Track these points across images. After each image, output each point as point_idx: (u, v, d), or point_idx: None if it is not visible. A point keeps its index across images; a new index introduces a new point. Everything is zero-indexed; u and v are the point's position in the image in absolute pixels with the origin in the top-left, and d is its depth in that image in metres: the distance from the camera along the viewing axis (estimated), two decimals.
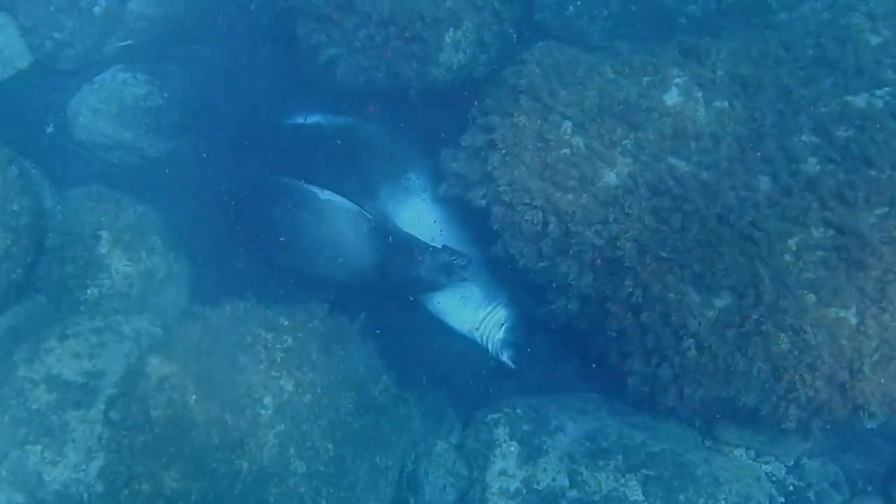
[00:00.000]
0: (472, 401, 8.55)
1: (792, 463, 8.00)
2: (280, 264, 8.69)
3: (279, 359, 7.36)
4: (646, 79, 7.57)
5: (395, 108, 8.85)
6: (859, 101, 7.20)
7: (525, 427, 7.85)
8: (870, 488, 7.97)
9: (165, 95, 9.60)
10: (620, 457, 7.60)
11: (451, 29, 8.23)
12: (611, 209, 7.10)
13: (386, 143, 8.88)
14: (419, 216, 8.69)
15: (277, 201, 8.52)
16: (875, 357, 6.74)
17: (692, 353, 6.97)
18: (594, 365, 7.97)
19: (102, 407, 7.58)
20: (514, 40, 8.65)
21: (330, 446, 7.41)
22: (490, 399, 8.46)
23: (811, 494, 7.90)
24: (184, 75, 9.68)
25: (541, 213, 7.29)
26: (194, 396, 7.12)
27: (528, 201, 7.29)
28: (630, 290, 7.02)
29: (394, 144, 8.90)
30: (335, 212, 8.41)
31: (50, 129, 9.64)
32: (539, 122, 7.42)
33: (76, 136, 9.55)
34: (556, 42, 8.27)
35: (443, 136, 8.35)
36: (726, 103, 7.37)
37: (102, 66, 9.73)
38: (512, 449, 7.78)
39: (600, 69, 7.66)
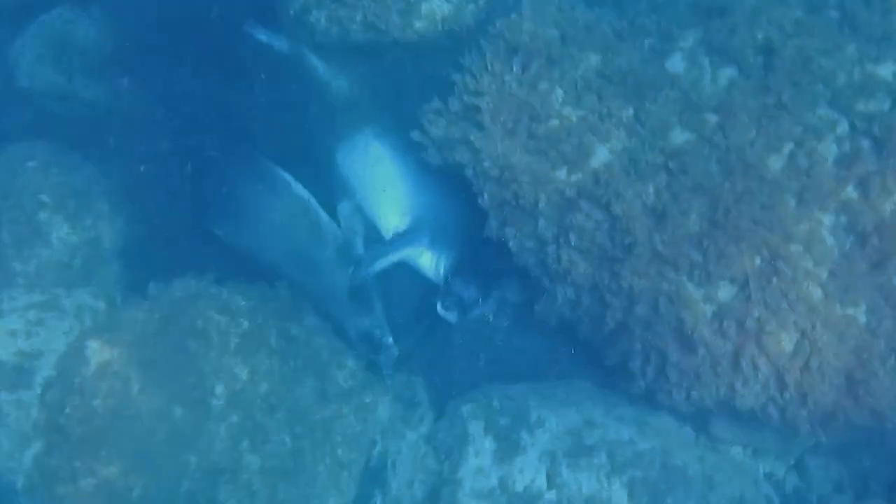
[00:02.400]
0: (449, 387, 8.29)
1: (793, 462, 7.80)
2: (230, 242, 8.32)
3: (233, 345, 7.21)
4: (647, 41, 7.24)
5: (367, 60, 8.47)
6: (883, 70, 6.88)
7: (502, 421, 7.63)
8: (875, 488, 7.78)
9: (120, 38, 9.19)
10: (605, 455, 7.40)
11: None
12: (604, 190, 6.80)
13: (346, 97, 8.53)
14: (378, 175, 8.36)
15: (250, 179, 8.19)
16: (891, 359, 6.56)
17: (689, 350, 6.75)
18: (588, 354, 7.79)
19: (39, 391, 7.37)
20: None
21: (287, 439, 7.27)
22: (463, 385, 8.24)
23: (812, 497, 7.73)
24: (141, 16, 9.24)
25: (529, 191, 6.99)
26: (138, 385, 6.94)
27: (515, 178, 7.00)
28: (627, 281, 6.77)
29: (355, 98, 8.54)
30: (304, 213, 8.16)
31: None
32: (528, 88, 7.11)
33: (17, 83, 9.18)
34: None
35: (418, 91, 8.02)
36: (735, 72, 7.04)
37: (49, 4, 9.32)
38: (487, 445, 7.56)
39: (599, 29, 7.35)
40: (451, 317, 7.85)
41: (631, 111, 7.02)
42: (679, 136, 6.88)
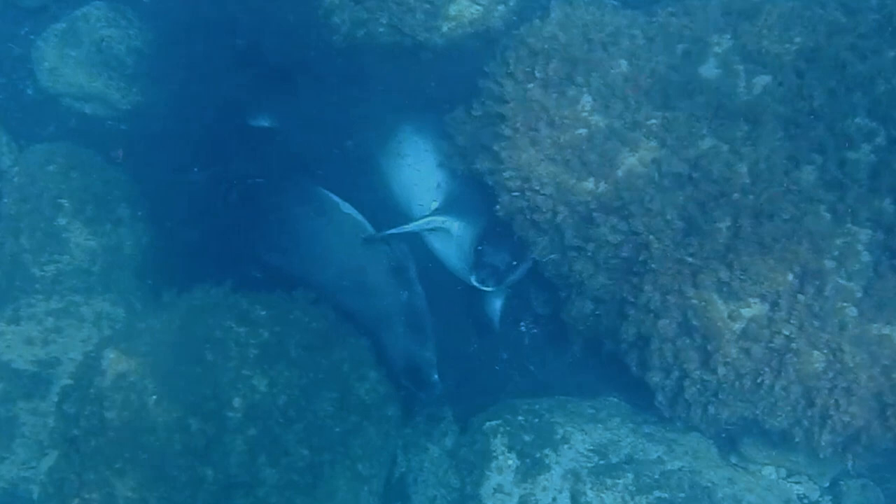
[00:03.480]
0: (473, 400, 8.34)
1: (828, 484, 7.79)
2: (271, 265, 8.42)
3: (252, 356, 7.24)
4: (680, 46, 7.25)
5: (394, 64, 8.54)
6: None
7: (526, 437, 7.66)
8: None
9: (147, 38, 9.27)
10: (631, 475, 7.41)
11: None
12: (630, 202, 6.82)
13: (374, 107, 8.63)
14: (412, 182, 8.53)
15: (297, 203, 8.36)
16: None
17: (714, 367, 6.76)
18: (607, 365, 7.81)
19: (56, 399, 7.44)
20: None
21: (306, 453, 7.29)
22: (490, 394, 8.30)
23: None
24: (169, 16, 9.30)
25: (551, 203, 7.03)
26: (154, 397, 7.01)
27: (536, 188, 7.04)
28: (649, 295, 6.79)
29: (382, 108, 8.63)
30: (355, 235, 8.35)
31: (10, 74, 9.36)
32: (555, 95, 7.13)
33: (41, 83, 9.28)
34: None
35: (448, 95, 8.08)
36: (769, 78, 7.03)
37: (74, 2, 9.40)
38: (510, 462, 7.60)
39: (630, 33, 7.36)
40: (488, 286, 7.86)
41: (661, 119, 7.02)
42: (709, 146, 6.88)
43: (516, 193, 7.20)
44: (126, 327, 7.75)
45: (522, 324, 8.78)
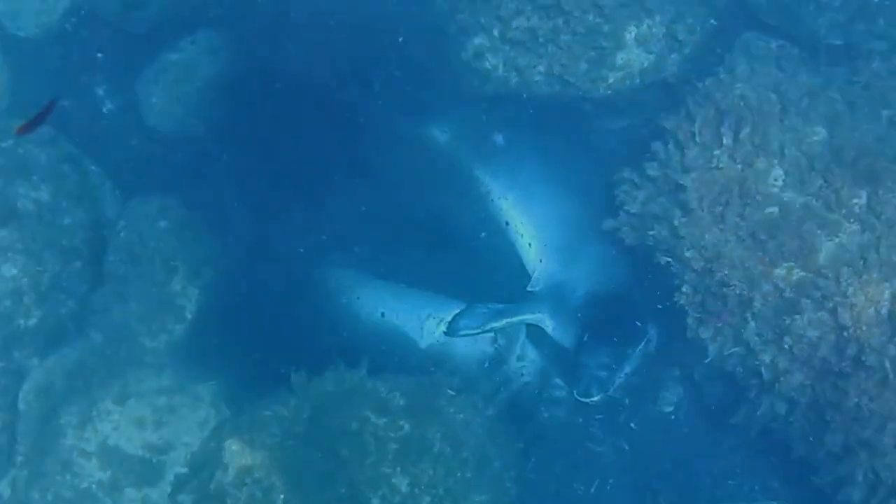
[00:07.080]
0: None
1: None
2: None
3: (392, 451, 7.12)
4: (885, 113, 7.05)
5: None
6: None
7: None
8: None
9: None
10: None
11: (635, 24, 7.78)
12: (831, 292, 6.62)
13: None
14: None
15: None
16: None
17: None
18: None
19: (168, 489, 7.35)
20: (715, 29, 8.19)
21: None
22: None
23: None
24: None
25: (740, 290, 6.85)
26: (283, 495, 6.93)
27: (725, 273, 6.84)
28: (855, 400, 6.58)
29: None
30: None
31: (109, 108, 9.23)
32: (743, 165, 6.94)
33: (147, 121, 9.08)
34: (761, 36, 7.76)
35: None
36: None
37: (186, 29, 9.16)
38: None
39: (827, 97, 7.15)
40: (593, 398, 7.70)
41: (864, 198, 6.82)
42: None
43: (699, 275, 7.02)
44: (249, 413, 7.60)
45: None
